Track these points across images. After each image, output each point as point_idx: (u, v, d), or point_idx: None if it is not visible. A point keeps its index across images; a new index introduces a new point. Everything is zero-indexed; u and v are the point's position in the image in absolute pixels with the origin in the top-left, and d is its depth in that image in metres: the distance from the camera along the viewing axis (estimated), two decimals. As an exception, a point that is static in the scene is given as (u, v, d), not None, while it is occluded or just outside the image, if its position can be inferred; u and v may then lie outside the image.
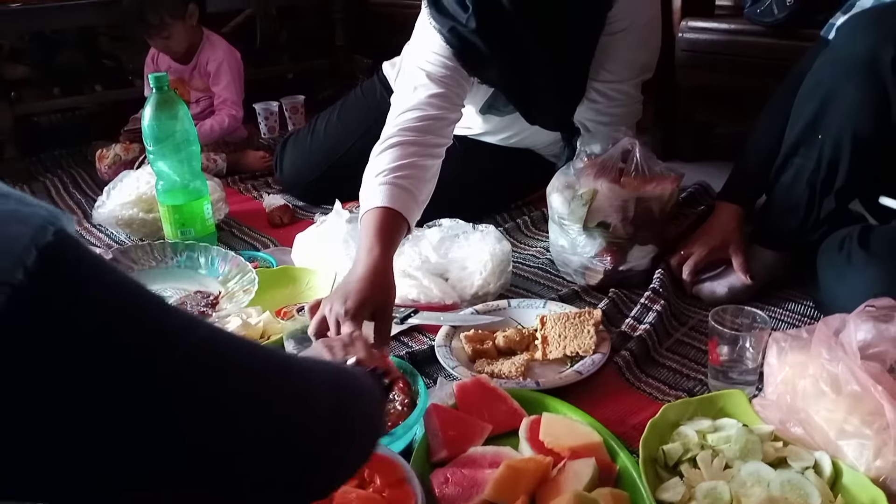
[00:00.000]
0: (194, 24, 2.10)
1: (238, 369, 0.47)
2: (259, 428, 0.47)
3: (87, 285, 0.39)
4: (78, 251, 0.39)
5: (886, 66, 1.09)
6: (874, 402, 0.85)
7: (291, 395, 0.51)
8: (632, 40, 1.42)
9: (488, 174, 1.65)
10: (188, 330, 0.44)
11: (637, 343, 1.13)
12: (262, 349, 0.54)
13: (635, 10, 1.40)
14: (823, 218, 1.22)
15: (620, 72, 1.44)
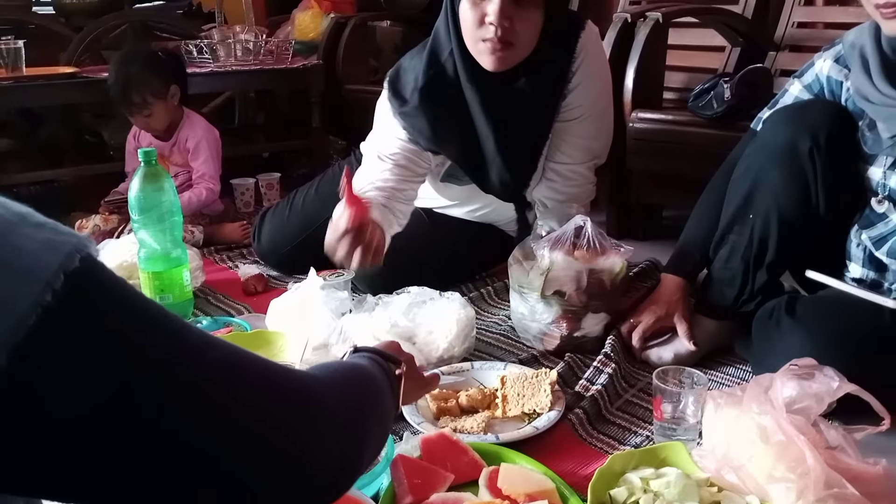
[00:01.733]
0: (176, 103, 2.22)
1: (251, 390, 0.51)
2: (275, 447, 0.51)
3: (108, 306, 0.44)
4: (102, 275, 0.45)
5: (805, 154, 1.24)
6: (798, 450, 0.95)
7: (306, 414, 0.55)
8: (585, 128, 1.58)
9: (454, 246, 1.76)
10: (204, 350, 0.49)
11: (590, 402, 1.22)
12: (278, 368, 0.56)
13: (589, 102, 1.56)
14: (757, 289, 1.34)
15: (575, 155, 1.59)
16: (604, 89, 1.62)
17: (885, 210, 1.24)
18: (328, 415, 0.58)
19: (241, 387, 0.51)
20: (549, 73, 1.51)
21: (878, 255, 1.25)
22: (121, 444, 0.44)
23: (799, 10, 2.30)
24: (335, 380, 0.65)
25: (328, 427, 0.57)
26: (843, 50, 1.29)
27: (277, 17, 3.44)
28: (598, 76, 1.58)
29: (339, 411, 0.59)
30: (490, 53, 1.42)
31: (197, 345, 0.49)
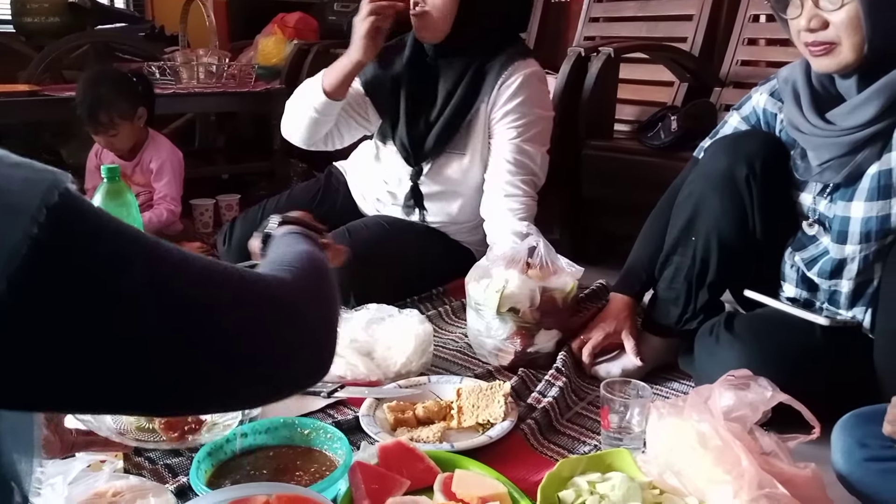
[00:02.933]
0: (142, 125, 2.24)
1: (230, 302, 0.55)
2: (260, 352, 0.56)
3: (91, 234, 0.47)
4: (82, 207, 0.47)
5: (742, 181, 1.33)
6: (734, 454, 1.01)
7: (285, 317, 0.59)
8: (517, 142, 1.71)
9: (417, 254, 1.83)
10: (184, 266, 0.53)
11: (541, 413, 1.27)
12: (253, 276, 0.60)
13: (518, 113, 1.71)
14: (700, 308, 1.42)
15: (511, 168, 1.71)
16: (536, 109, 1.74)
17: (815, 233, 1.32)
18: (302, 315, 0.62)
19: (221, 300, 0.54)
20: (476, 68, 1.74)
21: (809, 276, 1.34)
22: (115, 357, 0.48)
23: (742, 49, 2.43)
24: (302, 277, 0.67)
25: (304, 323, 0.61)
26: (778, 84, 1.38)
27: (240, 42, 3.49)
28: (528, 93, 1.72)
29: (311, 308, 0.63)
30: (413, 16, 1.70)
31: (177, 262, 0.52)
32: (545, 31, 3.07)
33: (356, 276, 1.69)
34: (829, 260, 1.29)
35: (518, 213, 1.68)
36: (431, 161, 1.82)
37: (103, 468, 0.96)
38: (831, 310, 1.33)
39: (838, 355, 1.27)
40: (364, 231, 1.81)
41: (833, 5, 1.14)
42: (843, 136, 1.22)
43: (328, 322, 0.66)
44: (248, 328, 0.55)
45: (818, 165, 1.28)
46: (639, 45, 2.43)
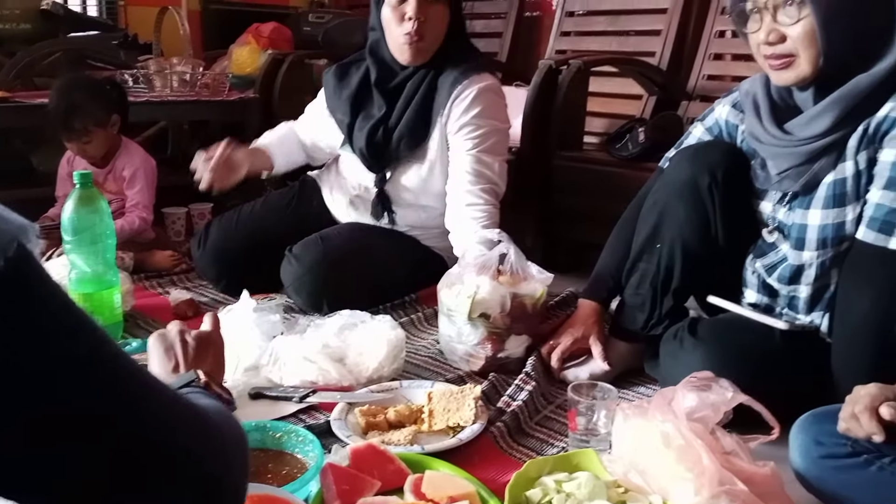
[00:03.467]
0: (115, 132, 2.23)
1: (165, 406, 0.56)
2: (180, 454, 0.55)
3: (43, 293, 0.48)
4: (38, 266, 0.48)
5: (705, 190, 1.37)
6: (696, 453, 1.04)
7: (208, 433, 0.60)
8: (476, 153, 1.74)
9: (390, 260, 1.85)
10: (120, 355, 0.53)
11: (511, 417, 1.30)
12: (178, 399, 0.60)
13: (474, 124, 1.74)
14: (665, 314, 1.46)
15: (472, 179, 1.73)
16: (491, 120, 1.77)
17: (775, 240, 1.37)
18: (222, 439, 0.63)
19: (148, 395, 0.55)
20: (430, 81, 1.78)
21: (770, 282, 1.38)
22: (38, 421, 0.47)
23: (709, 64, 2.50)
24: (217, 414, 0.69)
25: (222, 447, 0.62)
26: (739, 97, 1.43)
27: (214, 52, 3.49)
28: (482, 106, 1.75)
29: (228, 439, 0.64)
30: (408, 45, 1.73)
31: (117, 350, 0.54)
32: (518, 44, 3.12)
33: (329, 282, 1.72)
34: (788, 266, 1.33)
35: (481, 220, 1.70)
36: (391, 169, 1.86)
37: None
38: (790, 315, 1.38)
39: (797, 358, 1.31)
40: (337, 238, 1.83)
41: (790, 20, 1.19)
42: (801, 146, 1.26)
43: (240, 449, 0.66)
44: (171, 432, 0.56)
45: (777, 174, 1.32)
46: (608, 58, 2.49)
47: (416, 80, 1.80)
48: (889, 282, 1.21)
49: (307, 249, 1.79)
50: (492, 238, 1.54)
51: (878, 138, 1.20)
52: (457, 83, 1.75)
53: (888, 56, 1.18)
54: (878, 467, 1.03)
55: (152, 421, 0.55)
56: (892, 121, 1.18)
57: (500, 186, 1.78)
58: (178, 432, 0.57)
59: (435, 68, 1.79)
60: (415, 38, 1.72)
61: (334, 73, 1.94)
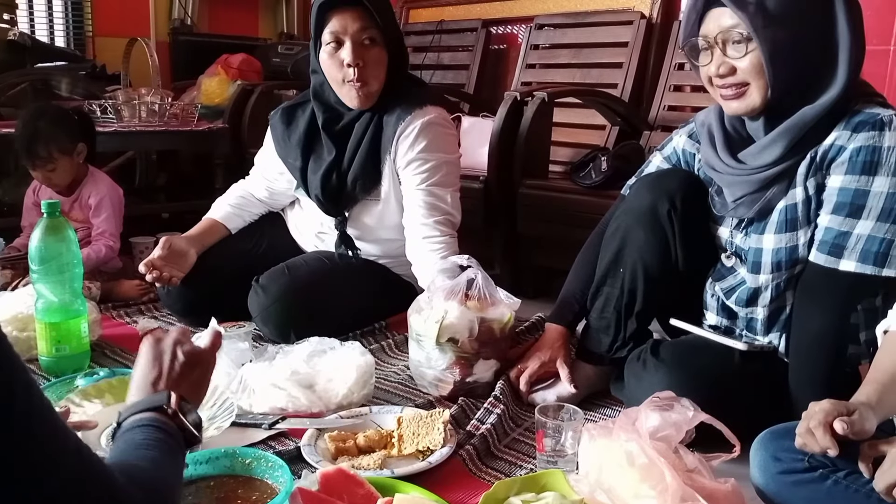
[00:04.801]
0: (81, 161, 2.23)
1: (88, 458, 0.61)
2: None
3: None
4: None
5: (664, 216, 1.42)
6: (658, 471, 1.07)
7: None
8: (428, 187, 1.77)
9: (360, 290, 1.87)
10: (49, 413, 0.59)
11: (480, 440, 1.31)
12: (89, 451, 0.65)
13: (423, 157, 1.77)
14: (629, 336, 1.49)
15: (426, 212, 1.76)
16: (438, 153, 1.79)
17: (732, 264, 1.42)
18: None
19: (65, 461, 0.60)
20: (376, 122, 1.80)
21: (729, 304, 1.42)
22: None
23: (669, 95, 2.58)
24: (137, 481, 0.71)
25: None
26: (695, 127, 1.49)
27: (183, 83, 3.50)
28: (428, 139, 1.77)
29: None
30: (354, 91, 1.75)
31: (48, 408, 0.59)
32: (484, 76, 3.19)
33: (297, 312, 1.73)
34: (746, 289, 1.38)
35: (440, 252, 1.72)
36: (349, 210, 1.88)
37: None
38: (749, 336, 1.42)
39: (756, 378, 1.35)
40: (304, 267, 1.84)
41: (738, 53, 1.25)
42: (754, 174, 1.32)
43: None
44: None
45: (733, 202, 1.37)
46: (572, 90, 2.56)
47: (363, 121, 1.81)
48: (840, 301, 1.26)
49: (273, 280, 1.79)
50: (460, 263, 1.56)
51: (825, 165, 1.26)
52: (400, 120, 1.77)
53: (831, 88, 1.25)
54: (833, 481, 1.06)
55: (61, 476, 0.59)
56: (837, 148, 1.24)
57: (455, 216, 1.80)
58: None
59: (380, 107, 1.81)
60: (357, 84, 1.74)
61: (280, 117, 1.94)
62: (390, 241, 1.90)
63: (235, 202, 2.02)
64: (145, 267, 1.79)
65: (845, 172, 1.23)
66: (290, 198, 2.03)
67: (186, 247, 1.86)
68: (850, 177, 1.23)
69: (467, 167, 2.21)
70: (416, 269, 1.79)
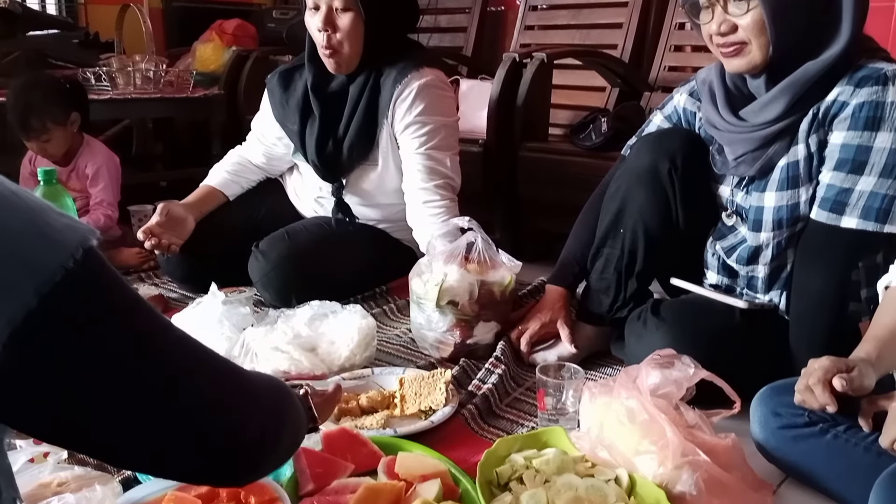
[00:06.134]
0: (75, 130, 2.21)
1: (207, 365, 0.64)
2: (217, 414, 0.63)
3: (109, 281, 0.56)
4: (104, 260, 0.56)
5: (665, 175, 1.41)
6: (659, 427, 1.08)
7: (243, 395, 0.67)
8: (426, 151, 1.75)
9: (361, 255, 1.86)
10: (169, 328, 0.61)
11: (481, 399, 1.32)
12: (226, 361, 0.68)
13: (420, 121, 1.75)
14: (629, 297, 1.49)
15: (426, 176, 1.75)
16: (436, 116, 1.77)
17: (733, 223, 1.41)
18: (258, 401, 0.69)
19: (199, 360, 0.63)
20: (372, 85, 1.77)
21: (729, 263, 1.42)
22: (95, 389, 0.54)
23: (670, 55, 2.55)
24: (263, 380, 0.76)
25: (256, 410, 0.68)
26: (696, 85, 1.48)
27: (177, 49, 3.46)
28: (425, 103, 1.75)
29: (266, 401, 0.71)
30: (327, 58, 1.74)
31: (165, 323, 0.61)
32: (482, 39, 3.15)
33: (297, 277, 1.73)
34: (746, 247, 1.38)
35: (440, 216, 1.71)
36: (346, 176, 1.87)
37: (47, 460, 0.96)
38: (750, 294, 1.42)
39: (756, 336, 1.36)
40: (303, 233, 1.84)
41: (740, 10, 1.23)
42: (755, 131, 1.31)
43: (278, 423, 0.71)
44: (217, 400, 0.63)
45: (734, 160, 1.36)
46: (571, 50, 2.53)
47: (358, 84, 1.79)
48: (842, 258, 1.26)
49: (273, 245, 1.79)
50: (461, 226, 1.55)
51: (827, 122, 1.25)
52: (396, 83, 1.75)
53: (835, 43, 1.23)
54: (832, 435, 1.07)
55: (202, 380, 0.62)
56: (840, 104, 1.23)
57: (455, 181, 1.79)
58: (223, 389, 0.64)
59: (375, 70, 1.78)
60: (326, 51, 1.72)
61: (278, 81, 1.91)
62: (390, 206, 1.89)
63: (232, 169, 2.01)
64: (144, 234, 1.78)
65: (848, 128, 1.22)
66: (287, 163, 2.02)
67: (184, 213, 1.86)
68: (852, 133, 1.22)
69: (466, 131, 2.20)
70: (417, 234, 1.78)
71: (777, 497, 1.12)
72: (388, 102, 1.76)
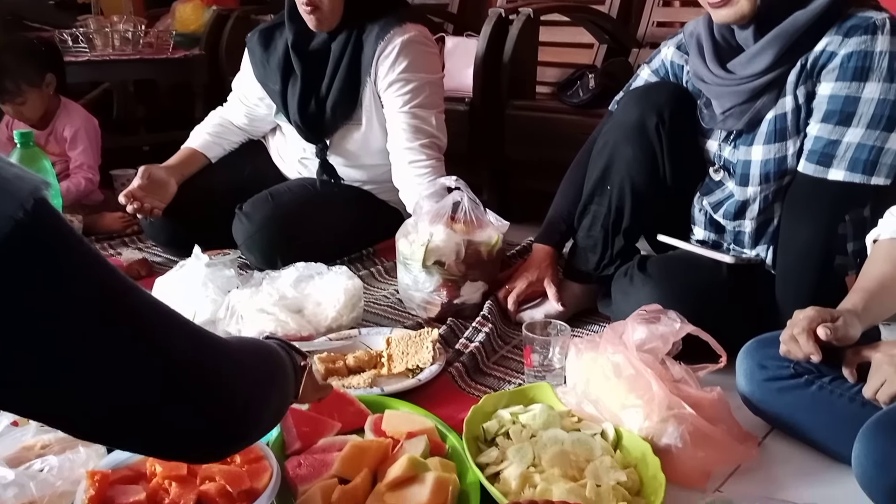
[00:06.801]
0: (51, 93, 2.16)
1: (183, 329, 0.61)
2: (192, 377, 0.60)
3: (63, 232, 0.53)
4: (57, 212, 0.53)
5: (652, 130, 1.39)
6: (645, 381, 1.08)
7: (220, 359, 0.64)
8: (410, 109, 1.72)
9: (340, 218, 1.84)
10: (136, 288, 0.58)
11: (468, 357, 1.32)
12: (205, 330, 0.66)
13: (403, 79, 1.71)
14: (616, 254, 1.49)
15: (411, 136, 1.72)
16: (420, 73, 1.73)
17: (720, 178, 1.40)
18: (243, 370, 0.67)
19: (171, 329, 0.60)
20: (354, 43, 1.74)
21: (716, 218, 1.42)
22: (50, 345, 0.51)
23: (658, 10, 2.51)
24: (249, 348, 0.74)
25: (241, 379, 0.66)
26: (684, 38, 1.45)
27: (156, 10, 3.39)
28: (409, 59, 1.72)
29: (252, 371, 0.69)
30: (308, 14, 1.70)
31: (130, 284, 0.58)
32: (468, -5, 3.09)
33: (281, 239, 1.71)
34: (734, 202, 1.37)
35: (426, 176, 1.69)
36: (329, 137, 1.84)
37: (29, 422, 0.96)
38: (737, 249, 1.42)
39: (743, 290, 1.36)
40: (287, 194, 1.82)
41: (728, -43, 1.20)
42: (743, 84, 1.29)
43: (261, 389, 0.69)
44: (196, 365, 0.60)
45: (721, 113, 1.35)
46: (558, 5, 2.48)
47: (339, 42, 1.75)
48: (829, 211, 1.25)
49: (257, 207, 1.77)
50: (448, 185, 1.54)
51: (815, 72, 1.23)
52: (379, 39, 1.71)
53: (824, -9, 1.21)
54: (817, 387, 1.07)
55: (178, 343, 0.59)
56: (828, 55, 1.21)
57: (441, 139, 1.76)
58: (203, 354, 0.62)
59: (357, 27, 1.74)
60: (307, 7, 1.68)
61: (258, 40, 1.86)
62: (374, 167, 1.87)
63: (214, 130, 1.97)
64: (125, 198, 1.76)
65: (836, 79, 1.20)
66: (270, 124, 1.98)
67: (166, 176, 1.83)
68: (840, 83, 1.20)
69: (452, 89, 2.16)
70: (404, 195, 1.76)
71: (762, 449, 1.13)
72: (371, 60, 1.72)
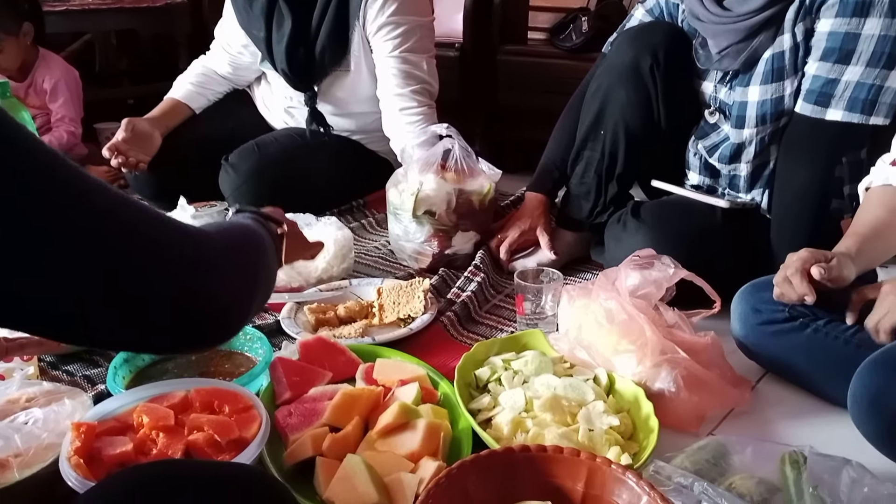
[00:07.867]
0: (28, 42, 2.10)
1: (150, 223, 0.56)
2: (169, 277, 0.56)
3: (10, 126, 0.49)
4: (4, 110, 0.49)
5: (646, 72, 1.36)
6: (638, 326, 1.07)
7: (199, 253, 0.60)
8: (401, 53, 1.67)
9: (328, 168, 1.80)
10: (107, 187, 0.53)
11: (460, 306, 1.31)
12: (173, 219, 0.60)
13: (394, 22, 1.66)
14: (610, 200, 1.46)
15: (401, 82, 1.67)
16: (410, 16, 1.68)
17: (716, 121, 1.37)
18: (216, 261, 0.63)
19: (138, 224, 0.55)
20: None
21: (711, 162, 1.39)
22: (15, 248, 0.48)
23: (652, -48, 2.43)
24: (222, 233, 0.70)
25: (216, 270, 0.62)
26: (680, -24, 1.40)
27: (136, -42, 3.27)
28: (398, 2, 1.65)
29: (226, 259, 0.65)
30: None
31: (97, 182, 0.53)
32: (458, -61, 3.00)
33: (268, 190, 1.67)
34: (729, 145, 1.34)
35: (418, 124, 1.65)
36: (318, 84, 1.79)
37: (14, 376, 0.94)
38: (732, 194, 1.40)
39: (738, 235, 1.34)
40: (274, 144, 1.78)
41: None
42: (739, 21, 1.25)
43: (244, 287, 0.66)
44: (159, 258, 0.55)
45: (717, 53, 1.31)
46: (550, -53, 2.41)
47: None
48: (825, 153, 1.23)
49: (244, 158, 1.73)
50: (439, 133, 1.50)
51: (814, 9, 1.19)
52: None
53: (826, -77, 1.16)
54: (812, 329, 1.07)
55: (150, 231, 0.55)
56: (828, -10, 1.17)
57: (433, 85, 1.72)
58: (183, 246, 0.58)
59: None
60: None
61: None
62: (364, 115, 1.82)
63: (197, 80, 1.92)
64: (109, 151, 1.72)
65: (836, 15, 1.17)
66: (255, 73, 1.93)
67: (150, 129, 1.78)
68: (840, 20, 1.17)
69: (442, 35, 2.10)
70: (394, 144, 1.72)
71: (756, 392, 1.13)
72: (359, 2, 1.67)
